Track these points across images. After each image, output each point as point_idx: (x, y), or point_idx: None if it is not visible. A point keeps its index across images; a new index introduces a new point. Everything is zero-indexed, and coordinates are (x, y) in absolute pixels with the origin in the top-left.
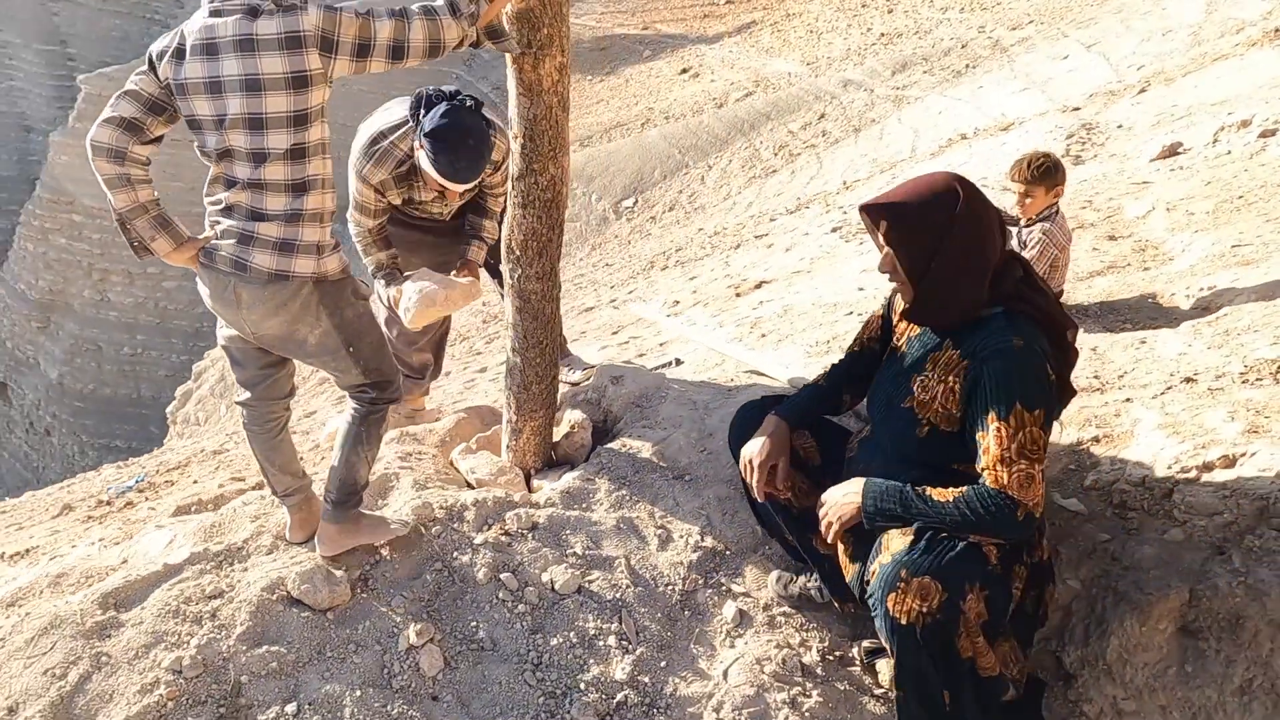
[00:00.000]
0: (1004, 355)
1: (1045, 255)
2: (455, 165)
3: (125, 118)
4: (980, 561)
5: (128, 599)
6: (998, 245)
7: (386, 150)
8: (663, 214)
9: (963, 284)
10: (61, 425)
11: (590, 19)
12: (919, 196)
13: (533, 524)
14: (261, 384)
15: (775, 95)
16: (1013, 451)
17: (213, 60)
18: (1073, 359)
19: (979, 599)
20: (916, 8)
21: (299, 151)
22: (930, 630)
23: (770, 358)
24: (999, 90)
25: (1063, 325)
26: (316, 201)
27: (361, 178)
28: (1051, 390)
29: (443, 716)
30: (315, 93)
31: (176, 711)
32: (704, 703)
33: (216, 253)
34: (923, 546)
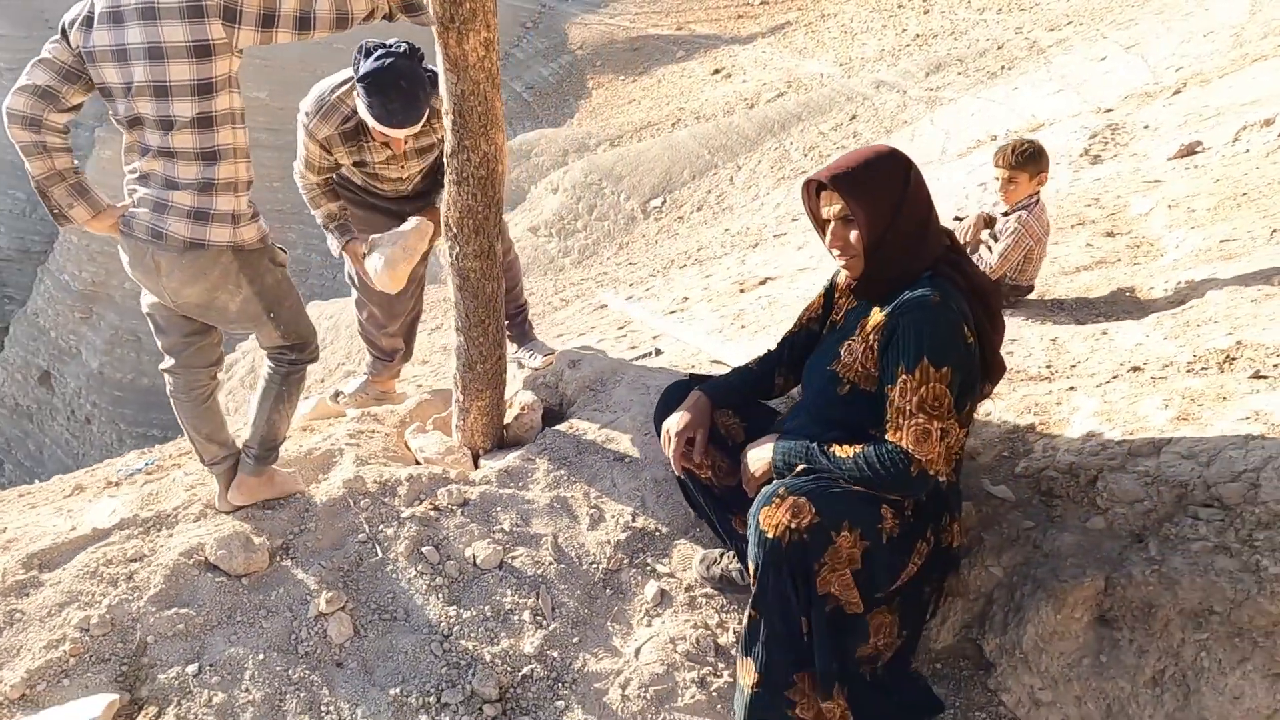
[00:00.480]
0: (920, 308)
1: (1020, 245)
2: (388, 107)
3: (40, 85)
4: (868, 512)
5: (52, 560)
6: (937, 211)
7: (332, 105)
8: (690, 214)
9: (912, 250)
10: (101, 413)
11: (625, 19)
12: (872, 166)
13: (464, 500)
14: (185, 351)
15: (807, 96)
16: (913, 404)
17: (119, 28)
18: (1002, 325)
19: (855, 543)
20: (953, 8)
21: (205, 120)
22: (794, 547)
23: (735, 347)
24: (1034, 92)
25: (988, 292)
26: (229, 171)
27: (308, 133)
28: (966, 352)
29: (344, 682)
30: (220, 62)
31: (78, 667)
32: (611, 679)
33: (134, 220)
34: (809, 477)
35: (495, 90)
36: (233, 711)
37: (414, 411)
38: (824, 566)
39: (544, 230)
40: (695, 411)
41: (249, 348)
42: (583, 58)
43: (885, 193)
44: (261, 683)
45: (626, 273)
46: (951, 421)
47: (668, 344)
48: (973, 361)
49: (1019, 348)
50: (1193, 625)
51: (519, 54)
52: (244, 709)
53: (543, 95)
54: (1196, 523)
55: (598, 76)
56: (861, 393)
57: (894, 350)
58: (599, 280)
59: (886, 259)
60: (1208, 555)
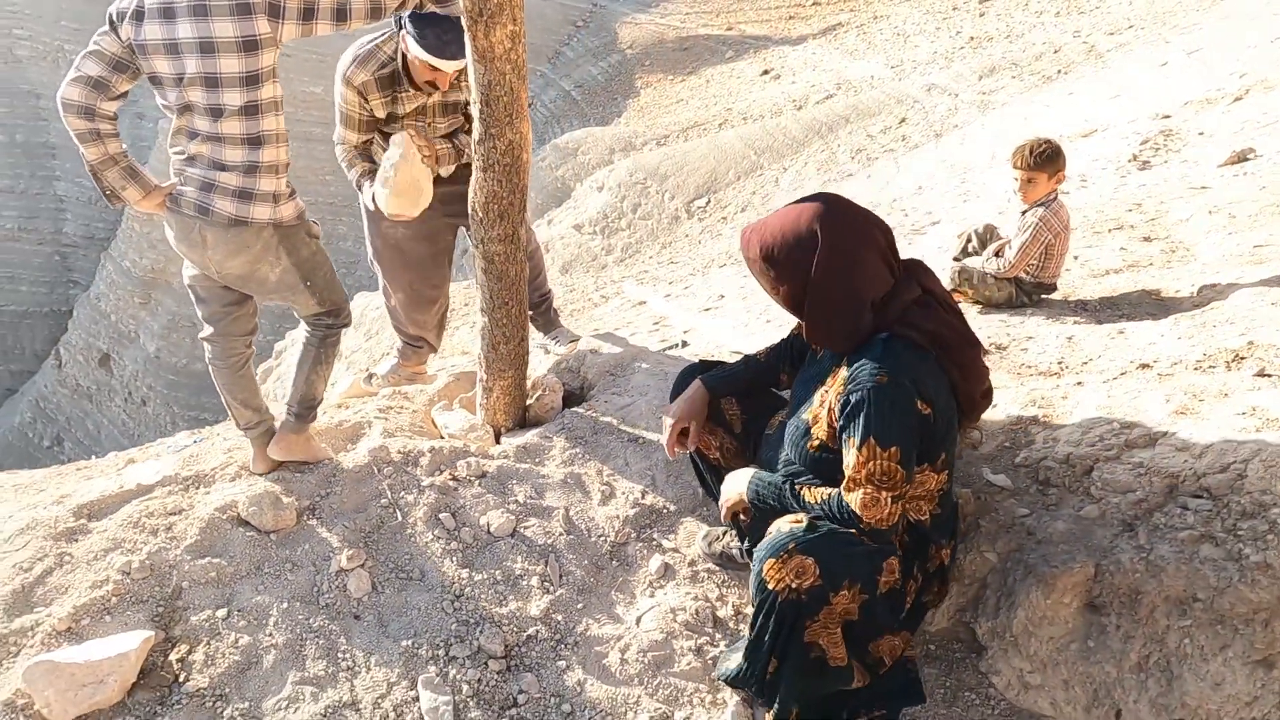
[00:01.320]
0: (867, 391)
1: (1039, 239)
2: (442, 38)
3: (92, 76)
4: (870, 566)
5: (99, 511)
6: (871, 277)
7: (369, 52)
8: (735, 215)
9: (836, 318)
10: (156, 396)
11: (675, 19)
12: (783, 240)
13: (482, 472)
14: (224, 320)
15: (856, 98)
16: (862, 475)
17: (170, 23)
18: (976, 374)
19: (854, 598)
20: (1009, 11)
21: (252, 108)
22: (790, 605)
23: (759, 341)
24: (1090, 97)
25: (956, 344)
26: (271, 155)
27: (345, 79)
28: (917, 426)
29: (360, 633)
30: (265, 55)
31: (119, 606)
32: (612, 643)
33: (182, 198)
34: (824, 531)
35: (521, 81)
36: (256, 653)
37: (442, 391)
38: (816, 623)
39: (588, 228)
40: (691, 403)
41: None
42: (632, 57)
43: (790, 267)
44: (284, 629)
45: (668, 271)
46: (904, 489)
47: (695, 337)
48: (931, 429)
49: (1034, 344)
50: (1177, 612)
51: (569, 52)
52: (267, 651)
53: (591, 94)
54: (1185, 512)
55: (646, 76)
56: (830, 450)
57: (845, 422)
58: (639, 278)
59: (815, 320)
60: (1194, 544)
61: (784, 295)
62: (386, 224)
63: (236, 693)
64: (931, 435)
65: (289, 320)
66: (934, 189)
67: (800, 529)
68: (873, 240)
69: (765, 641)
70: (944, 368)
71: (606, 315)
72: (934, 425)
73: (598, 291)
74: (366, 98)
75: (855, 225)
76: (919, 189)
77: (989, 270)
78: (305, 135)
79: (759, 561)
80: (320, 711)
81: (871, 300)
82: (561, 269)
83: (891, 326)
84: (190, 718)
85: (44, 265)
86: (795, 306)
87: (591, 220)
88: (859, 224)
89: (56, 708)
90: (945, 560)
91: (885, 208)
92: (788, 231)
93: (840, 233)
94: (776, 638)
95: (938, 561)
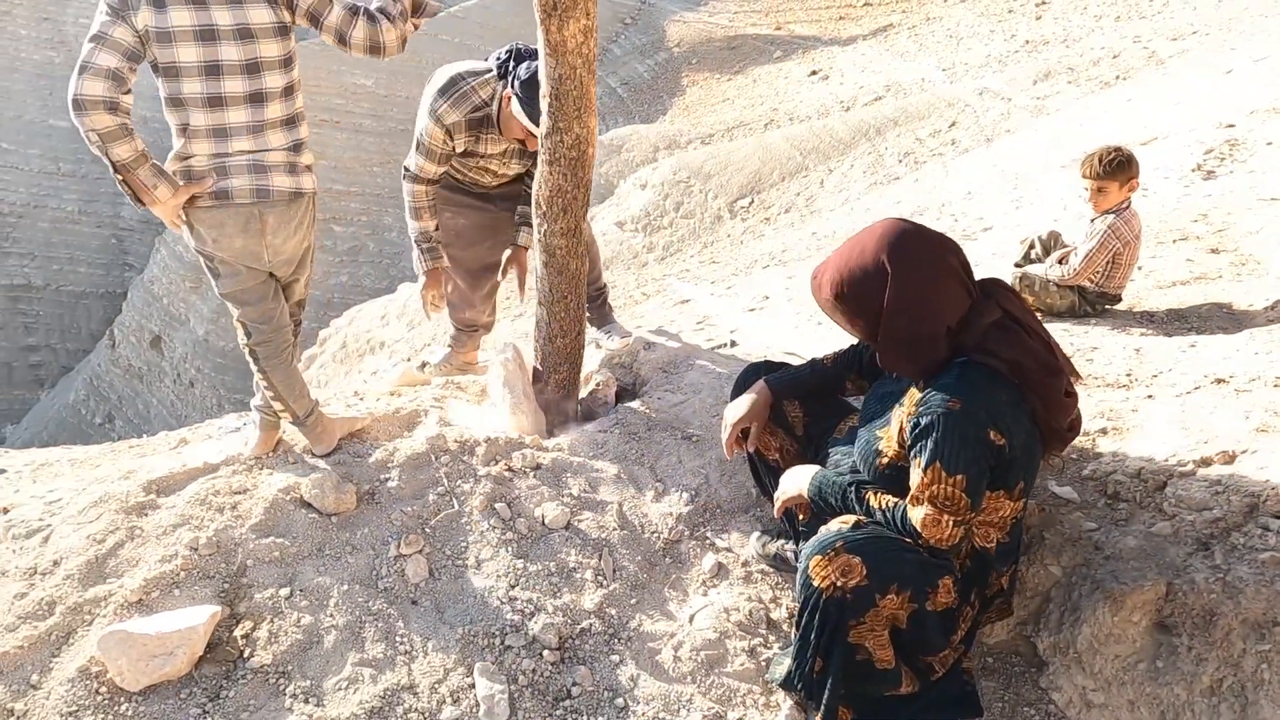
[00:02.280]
0: (937, 415)
1: (1106, 247)
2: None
3: (111, 68)
4: (922, 578)
5: (169, 487)
6: (945, 303)
7: (466, 93)
8: (778, 216)
9: (912, 349)
10: (204, 379)
11: (723, 18)
12: (851, 276)
13: (537, 464)
14: (276, 313)
15: (905, 101)
16: (926, 496)
17: (202, 9)
18: (1059, 405)
19: (902, 604)
20: (1067, 15)
21: (290, 90)
22: (834, 603)
23: (810, 343)
24: (1150, 103)
25: (1036, 373)
26: (304, 130)
27: (435, 117)
28: (988, 456)
29: (418, 618)
30: (292, 38)
31: (187, 581)
32: (665, 640)
33: (233, 189)
34: (869, 532)
35: (591, 76)
36: (317, 633)
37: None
38: (861, 624)
39: (630, 225)
40: (754, 403)
41: (341, 324)
42: (679, 55)
43: (861, 305)
44: (344, 610)
45: (709, 270)
46: (968, 515)
47: (742, 337)
48: (1005, 458)
49: (1100, 355)
50: (1255, 636)
51: (616, 49)
52: (328, 631)
53: (637, 91)
54: (1266, 533)
55: (693, 74)
56: (899, 469)
57: (914, 441)
58: (681, 276)
59: (890, 351)
60: (1275, 566)
61: (860, 330)
62: (449, 215)
63: (299, 671)
64: (1007, 464)
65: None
66: (985, 194)
67: (848, 529)
68: (945, 264)
69: (810, 640)
70: (1024, 396)
71: (648, 313)
72: (1008, 455)
73: (639, 289)
74: (453, 136)
75: (925, 252)
76: (969, 194)
77: (1051, 277)
78: (355, 127)
79: (805, 558)
80: (379, 693)
81: (948, 325)
82: (603, 265)
83: (970, 352)
84: (254, 693)
85: (101, 248)
86: (871, 339)
87: (634, 217)
88: (929, 250)
89: (129, 676)
90: (1005, 585)
91: (934, 212)
92: (854, 266)
93: (910, 262)
94: (821, 635)
95: (997, 587)
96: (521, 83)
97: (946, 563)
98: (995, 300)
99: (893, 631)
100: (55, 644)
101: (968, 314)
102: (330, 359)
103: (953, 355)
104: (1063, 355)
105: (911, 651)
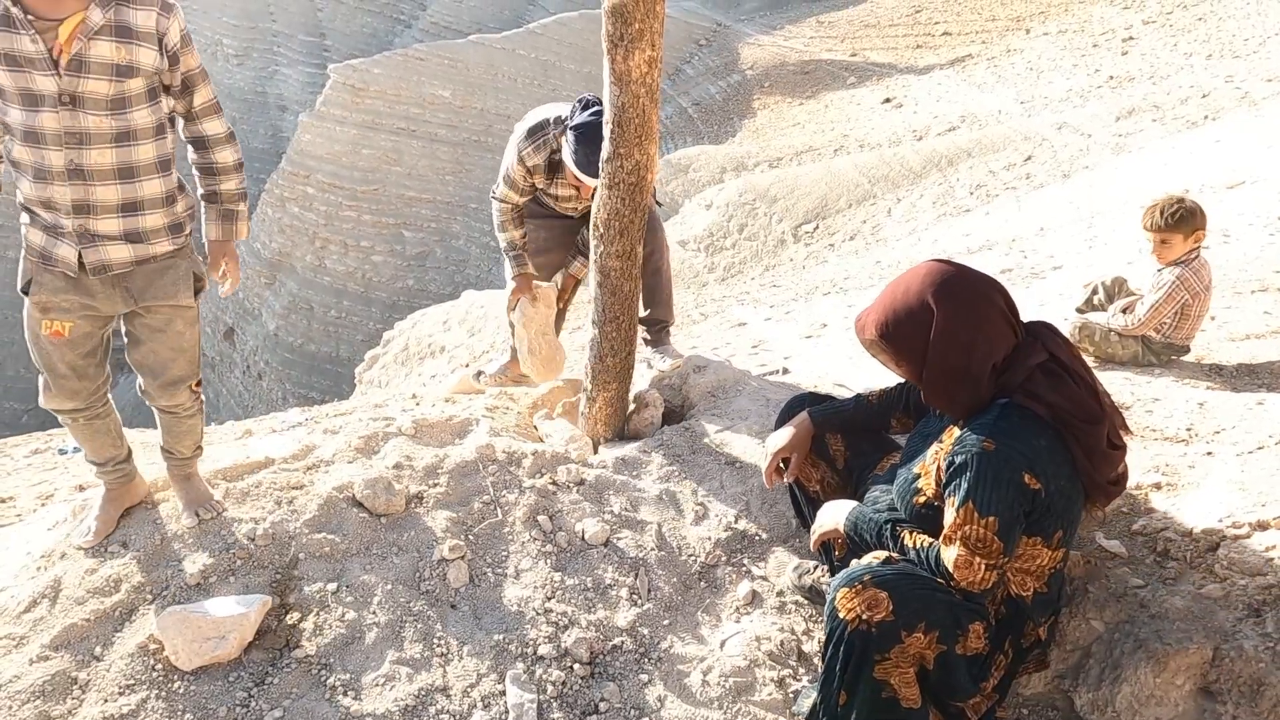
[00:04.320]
0: (971, 455)
1: (1174, 298)
2: (590, 158)
3: None
4: (951, 619)
5: (232, 477)
6: (991, 343)
7: (545, 140)
8: (842, 243)
9: (956, 388)
10: (272, 372)
11: (798, 42)
12: (896, 317)
13: (580, 480)
14: None
15: (980, 132)
16: (958, 536)
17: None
18: (1101, 456)
19: (929, 645)
20: (1155, 51)
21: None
22: (859, 636)
23: (862, 375)
24: (1240, 146)
25: (1078, 421)
26: None
27: (520, 156)
28: (1017, 500)
29: (456, 622)
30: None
31: (243, 569)
32: (695, 664)
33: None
34: (898, 568)
35: (654, 105)
36: (360, 629)
37: (545, 396)
38: (887, 660)
39: (692, 245)
40: (795, 434)
41: (405, 326)
42: (752, 78)
43: (906, 345)
44: (387, 609)
45: (769, 294)
46: (1001, 560)
47: (796, 364)
48: (1041, 504)
49: (1161, 407)
50: None
51: (689, 70)
52: (370, 628)
53: (708, 112)
54: None
55: (765, 97)
56: (935, 508)
57: (949, 480)
58: (740, 299)
59: (935, 391)
60: None
61: (905, 370)
62: (530, 226)
63: (340, 664)
64: (1044, 510)
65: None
66: (1058, 232)
67: (878, 563)
68: (989, 303)
69: (835, 672)
70: (1066, 443)
71: (704, 334)
72: (1045, 501)
73: (697, 309)
74: (532, 174)
75: (969, 291)
76: (1041, 230)
77: (1114, 326)
78: (431, 136)
79: (833, 590)
80: (414, 691)
81: (994, 364)
82: None
83: (1012, 393)
84: (297, 682)
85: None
86: (917, 379)
87: (697, 237)
88: (973, 289)
89: (183, 656)
90: (1042, 636)
91: (1003, 247)
92: (899, 307)
93: (954, 302)
94: (846, 668)
95: (1034, 637)
96: (572, 129)
97: (979, 607)
98: (1041, 343)
99: (920, 672)
100: (119, 620)
101: (1012, 354)
102: (392, 360)
103: (996, 395)
104: (1111, 405)
105: (940, 694)
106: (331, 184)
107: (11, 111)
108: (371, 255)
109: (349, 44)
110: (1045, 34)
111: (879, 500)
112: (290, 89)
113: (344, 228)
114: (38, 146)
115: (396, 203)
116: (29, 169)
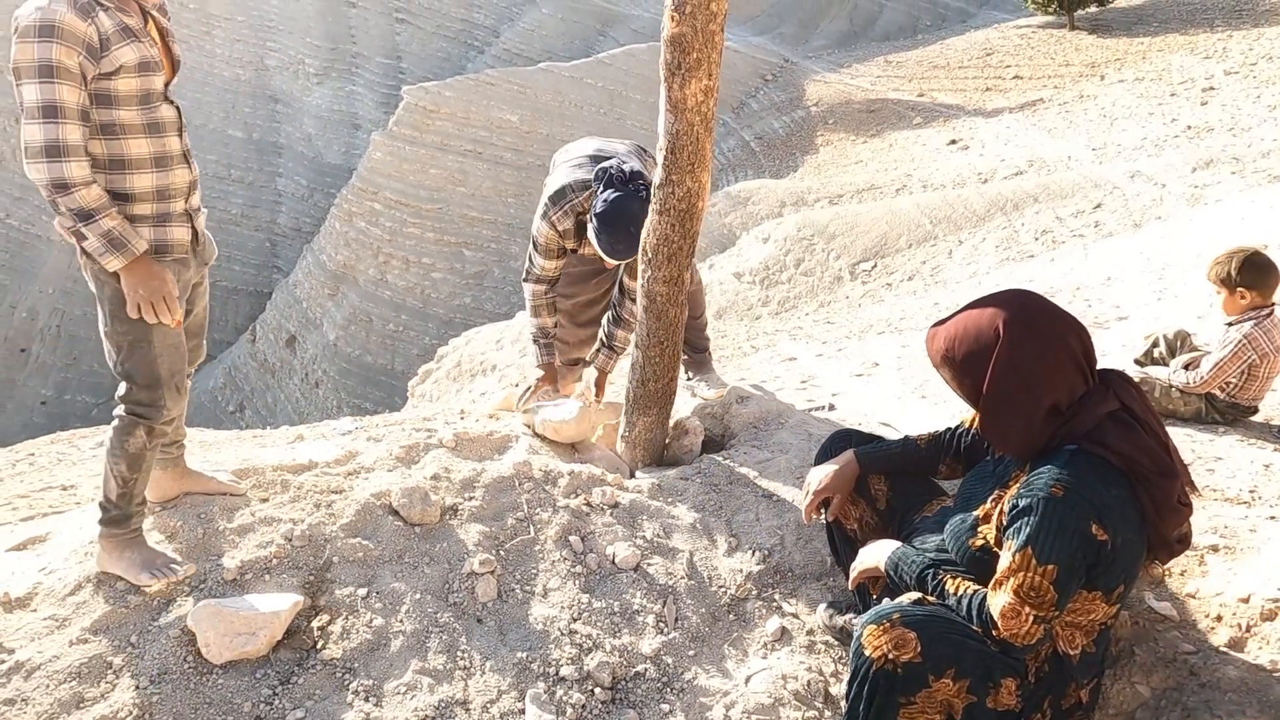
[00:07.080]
0: (1037, 499)
1: (1240, 357)
2: (614, 246)
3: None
4: (982, 669)
5: (275, 477)
6: (1054, 381)
7: (573, 205)
8: (900, 282)
9: (1011, 419)
10: (329, 381)
11: (865, 80)
12: (964, 337)
13: (615, 503)
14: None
15: (1048, 178)
16: (1011, 584)
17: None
18: (1171, 511)
19: (958, 692)
20: (1236, 102)
21: None
22: (884, 675)
23: (910, 416)
24: None
25: (1151, 473)
26: None
27: (549, 221)
28: (1081, 550)
29: (481, 636)
30: None
31: (278, 568)
32: (718, 697)
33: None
34: (930, 610)
35: (708, 133)
36: (386, 635)
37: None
38: (912, 704)
39: (748, 277)
40: (840, 475)
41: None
42: (816, 114)
43: (968, 365)
44: (414, 618)
45: (822, 330)
46: (1051, 613)
47: (843, 401)
48: (1106, 556)
49: (1224, 467)
50: None
51: (754, 104)
52: (395, 636)
53: (770, 146)
54: None
55: (828, 134)
56: (991, 553)
57: (1011, 523)
58: (793, 334)
59: (990, 420)
60: None
61: (964, 392)
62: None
63: (363, 669)
64: (1108, 563)
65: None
66: (1125, 282)
67: (909, 603)
68: (1061, 342)
69: (858, 712)
70: (1136, 495)
71: (754, 366)
72: (1110, 554)
73: (748, 341)
74: (564, 237)
75: (1041, 325)
76: (1108, 280)
77: (1175, 382)
78: (496, 159)
79: (860, 626)
80: (434, 703)
81: (1055, 405)
82: (716, 314)
83: (1080, 439)
84: (321, 684)
85: (256, 249)
86: (974, 404)
87: (752, 270)
88: (1047, 324)
89: (214, 648)
90: (1084, 699)
91: (1067, 294)
92: (969, 329)
93: (1024, 332)
94: (870, 709)
95: (1075, 699)
96: (596, 214)
97: (1016, 663)
98: (1114, 392)
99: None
100: (156, 609)
101: (1082, 400)
102: (445, 375)
103: (1061, 442)
104: (1180, 461)
105: None
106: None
107: (132, 111)
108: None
109: (424, 67)
110: (1121, 81)
111: (925, 543)
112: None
113: (407, 244)
114: (160, 136)
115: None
116: (148, 160)
